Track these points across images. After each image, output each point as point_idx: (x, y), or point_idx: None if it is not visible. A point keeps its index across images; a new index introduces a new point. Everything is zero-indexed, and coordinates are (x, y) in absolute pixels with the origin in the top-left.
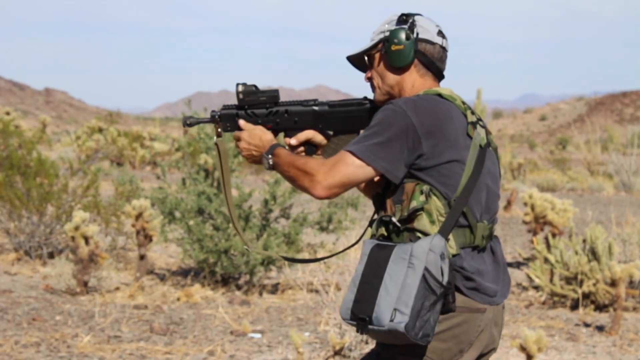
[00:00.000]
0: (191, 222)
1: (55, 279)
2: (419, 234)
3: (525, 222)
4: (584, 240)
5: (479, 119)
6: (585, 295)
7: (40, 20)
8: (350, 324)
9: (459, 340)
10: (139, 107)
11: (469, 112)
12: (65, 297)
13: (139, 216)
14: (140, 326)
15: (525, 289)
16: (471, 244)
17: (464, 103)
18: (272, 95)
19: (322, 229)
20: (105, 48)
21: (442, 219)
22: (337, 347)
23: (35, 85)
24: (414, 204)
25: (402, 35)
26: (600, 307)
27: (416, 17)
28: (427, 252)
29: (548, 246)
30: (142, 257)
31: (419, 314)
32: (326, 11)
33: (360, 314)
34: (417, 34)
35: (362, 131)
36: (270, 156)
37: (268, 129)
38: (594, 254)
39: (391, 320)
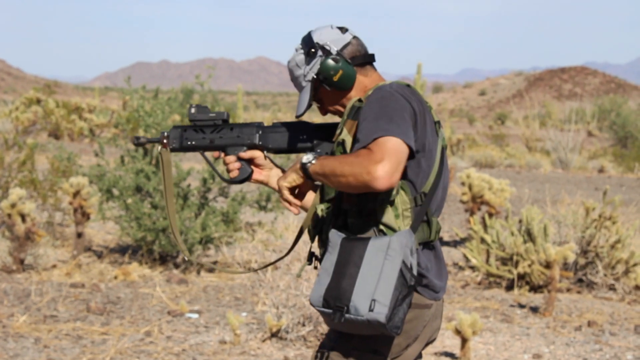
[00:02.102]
0: (129, 200)
1: None
2: (382, 227)
3: (462, 202)
4: (520, 221)
5: (438, 119)
6: (521, 276)
7: None
8: (323, 311)
9: (407, 336)
10: (79, 76)
11: (432, 111)
12: (1, 275)
13: (76, 194)
14: (77, 305)
15: (461, 268)
16: (427, 239)
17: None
18: (221, 113)
19: (261, 208)
20: (44, 15)
21: (407, 215)
22: (274, 329)
23: None
24: (382, 196)
25: (331, 63)
26: (535, 288)
27: (316, 41)
28: (404, 246)
29: (485, 226)
30: (79, 235)
31: (396, 305)
32: None
33: (337, 303)
34: (334, 50)
35: (343, 141)
36: (312, 157)
37: (210, 144)
38: (529, 235)
39: (370, 310)
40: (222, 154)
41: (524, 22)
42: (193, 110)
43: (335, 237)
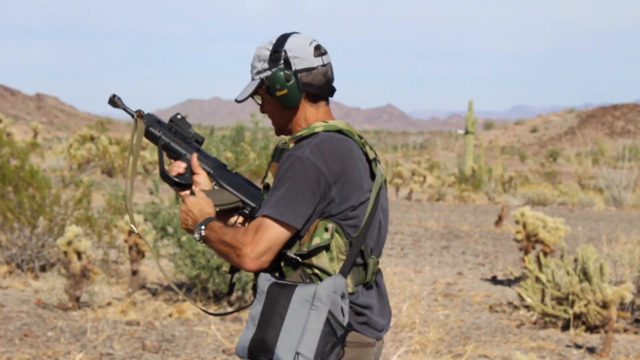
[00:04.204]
0: (183, 238)
1: (47, 294)
2: (316, 271)
3: (516, 240)
4: (575, 260)
5: (376, 154)
6: (577, 316)
7: (32, 25)
8: None
9: None
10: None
11: (367, 148)
12: (57, 312)
13: (131, 231)
14: (132, 343)
15: (516, 308)
16: (363, 281)
17: (360, 137)
18: (200, 135)
19: None
20: (97, 54)
21: (342, 257)
22: None
23: (26, 90)
24: (316, 240)
25: (282, 79)
26: (592, 328)
27: (287, 47)
28: (331, 295)
29: (539, 265)
30: (134, 273)
31: (322, 356)
32: (316, 19)
33: (260, 356)
34: (295, 67)
35: (268, 184)
36: (203, 227)
37: (176, 146)
38: (585, 275)
39: None
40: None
41: (575, 58)
42: (178, 117)
43: (264, 282)
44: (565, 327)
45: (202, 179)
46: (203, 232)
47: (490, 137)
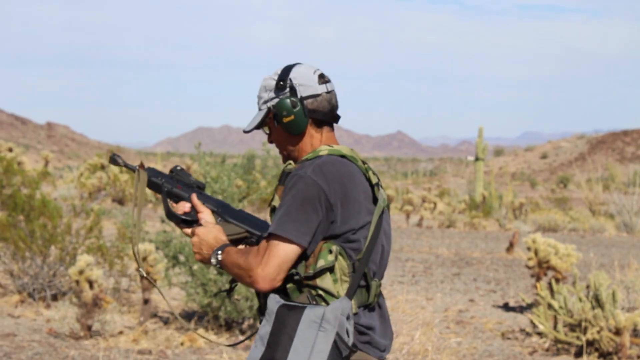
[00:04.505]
0: (195, 267)
1: (58, 323)
2: (321, 292)
3: (528, 267)
4: (588, 287)
5: (379, 179)
6: (590, 343)
7: (42, 54)
8: None
9: None
10: (141, 141)
11: (370, 173)
12: (69, 342)
13: (143, 260)
14: None
15: (528, 335)
16: (366, 302)
17: (364, 163)
18: (200, 182)
19: None
20: (107, 82)
21: (346, 279)
22: None
23: (37, 119)
24: (321, 262)
25: (289, 105)
26: (605, 355)
27: (292, 75)
28: (338, 317)
29: (551, 292)
30: (146, 302)
31: None
32: (324, 48)
33: None
34: (300, 95)
35: (275, 207)
36: (220, 252)
37: (179, 191)
38: (597, 301)
39: None
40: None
41: (585, 84)
42: (178, 168)
43: (273, 303)
44: (579, 354)
45: (206, 216)
46: (220, 257)
47: (500, 164)
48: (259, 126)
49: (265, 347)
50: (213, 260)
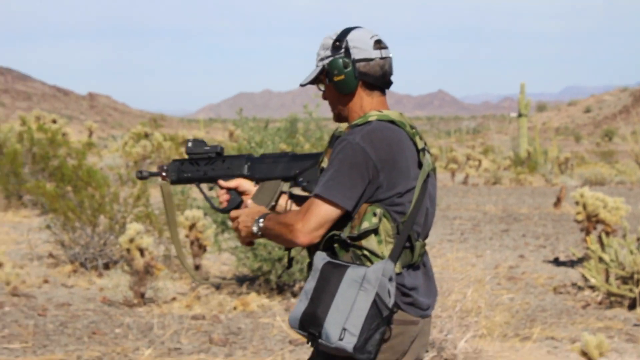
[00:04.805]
0: None
1: (112, 291)
2: (366, 252)
3: (577, 221)
4: (638, 239)
5: (425, 144)
6: None
7: (82, 25)
8: (300, 333)
9: (394, 351)
10: (183, 109)
11: (417, 138)
12: (123, 309)
13: (192, 226)
14: (199, 337)
15: (580, 288)
16: (410, 262)
17: (412, 127)
18: (215, 147)
19: None
20: (147, 51)
21: (390, 240)
22: None
23: (79, 90)
24: (365, 224)
25: (340, 65)
26: None
27: (349, 38)
28: (379, 278)
29: (602, 245)
30: (197, 267)
31: (367, 334)
32: (364, 7)
33: (310, 328)
34: (354, 57)
35: (324, 168)
36: (261, 220)
37: (204, 175)
38: None
39: (340, 339)
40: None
41: (627, 36)
42: (190, 145)
43: (319, 260)
44: (632, 306)
45: (245, 185)
46: (261, 224)
47: (543, 119)
48: (313, 81)
49: (309, 301)
50: (255, 228)
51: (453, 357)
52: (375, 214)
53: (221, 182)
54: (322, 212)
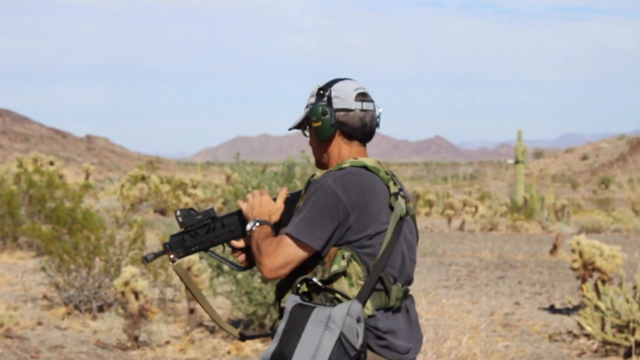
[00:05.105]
0: (239, 275)
1: (105, 334)
2: (337, 295)
3: (573, 269)
4: (635, 287)
5: (400, 189)
6: (638, 344)
7: (80, 68)
8: None
9: None
10: (180, 152)
11: (391, 183)
12: (117, 352)
13: (187, 270)
14: None
15: (576, 337)
16: (386, 305)
17: (387, 173)
18: (207, 212)
19: None
20: (145, 94)
21: (361, 283)
22: None
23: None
24: (335, 267)
25: (319, 112)
26: None
27: (333, 87)
28: (344, 317)
29: (598, 293)
30: (191, 311)
31: None
32: (359, 55)
33: None
34: (334, 106)
35: (298, 211)
36: (257, 224)
37: (211, 244)
38: None
39: None
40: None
41: (623, 84)
42: (181, 219)
43: (289, 303)
44: (628, 355)
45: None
46: (254, 228)
47: (540, 166)
48: (298, 126)
49: (278, 342)
50: (249, 225)
51: None
52: (343, 257)
53: (234, 244)
54: (290, 252)
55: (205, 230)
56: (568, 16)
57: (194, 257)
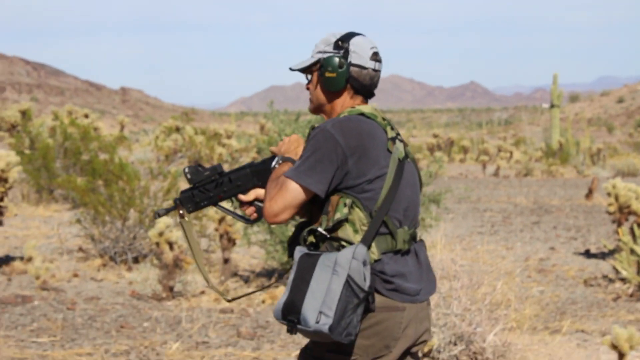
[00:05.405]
0: (273, 225)
1: (141, 285)
2: (343, 242)
3: (609, 213)
4: None
5: (397, 134)
6: None
7: (114, 20)
8: (282, 323)
9: (381, 337)
10: (215, 102)
11: (388, 128)
12: (152, 303)
13: (221, 220)
14: (227, 331)
15: (611, 281)
16: (393, 249)
17: (384, 119)
18: (214, 168)
19: None
20: (179, 45)
21: (365, 228)
22: (426, 350)
23: (111, 84)
24: (337, 215)
25: (336, 63)
26: None
27: (351, 42)
28: (350, 261)
29: (634, 237)
30: (226, 261)
31: (343, 316)
32: (395, 1)
33: (289, 316)
34: (350, 60)
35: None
36: (280, 161)
37: (220, 199)
38: None
39: (317, 322)
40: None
41: None
42: (189, 176)
43: (297, 253)
44: None
45: (262, 193)
46: (276, 165)
47: (576, 110)
48: (304, 70)
49: (289, 292)
50: (273, 162)
51: (482, 351)
52: (345, 204)
53: (242, 198)
54: (290, 195)
55: (214, 186)
56: None
57: (227, 205)
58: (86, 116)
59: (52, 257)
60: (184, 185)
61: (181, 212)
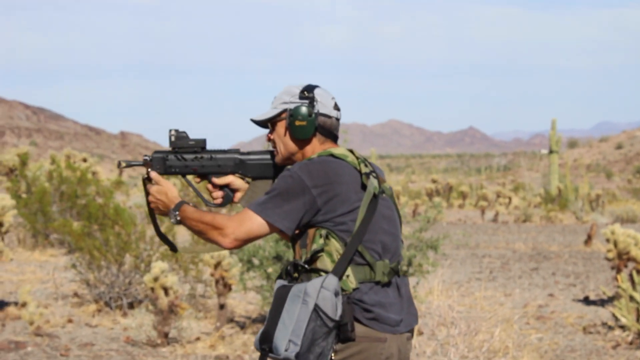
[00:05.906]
0: (270, 269)
1: (135, 331)
2: (322, 273)
3: (608, 259)
4: None
5: (372, 171)
6: None
7: (114, 65)
8: (258, 351)
9: None
10: (214, 147)
11: (362, 165)
12: (147, 349)
13: (217, 265)
14: None
15: (611, 328)
16: (372, 280)
17: (357, 158)
18: (200, 141)
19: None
20: (178, 90)
21: None
22: None
23: (110, 129)
24: (314, 246)
25: (305, 112)
26: None
27: (315, 92)
28: (318, 290)
29: (633, 284)
30: (221, 307)
31: (313, 344)
32: (392, 45)
33: (264, 344)
34: (317, 109)
35: (266, 190)
36: (177, 212)
37: (193, 171)
38: None
39: (286, 350)
40: (204, 180)
41: None
42: (173, 138)
43: (276, 286)
44: None
45: (237, 183)
46: (178, 217)
47: (575, 156)
48: (267, 121)
49: (265, 324)
50: (172, 220)
51: None
52: (321, 236)
53: (215, 180)
54: (255, 227)
55: (193, 157)
56: (601, 3)
57: (225, 252)
58: (84, 160)
59: (46, 302)
60: (181, 230)
61: (148, 170)
